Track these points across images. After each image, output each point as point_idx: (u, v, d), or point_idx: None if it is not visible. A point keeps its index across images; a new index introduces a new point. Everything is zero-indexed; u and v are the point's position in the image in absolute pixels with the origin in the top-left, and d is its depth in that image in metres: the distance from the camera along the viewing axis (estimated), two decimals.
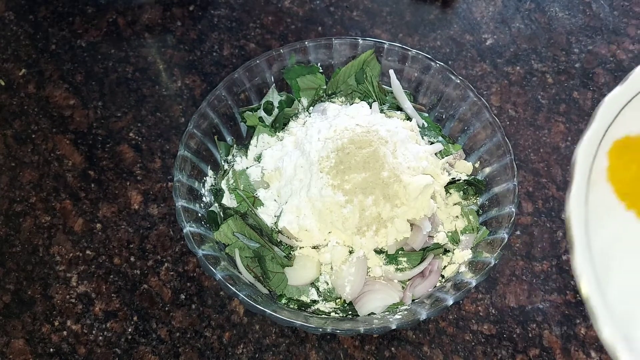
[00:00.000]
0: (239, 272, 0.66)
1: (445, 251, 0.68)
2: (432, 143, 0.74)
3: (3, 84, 0.88)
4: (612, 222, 0.47)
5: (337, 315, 0.66)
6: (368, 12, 0.95)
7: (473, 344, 0.69)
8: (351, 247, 0.66)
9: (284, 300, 0.66)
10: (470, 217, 0.69)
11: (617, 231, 0.47)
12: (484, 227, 0.68)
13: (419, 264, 0.66)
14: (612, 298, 0.43)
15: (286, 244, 0.67)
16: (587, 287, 0.42)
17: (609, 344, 0.41)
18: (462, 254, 0.67)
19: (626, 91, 0.50)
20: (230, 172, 0.73)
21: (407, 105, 0.76)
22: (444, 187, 0.70)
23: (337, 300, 0.66)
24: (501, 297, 0.72)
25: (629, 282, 0.45)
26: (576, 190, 0.46)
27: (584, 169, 0.47)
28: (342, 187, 0.64)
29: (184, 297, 0.72)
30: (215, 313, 0.71)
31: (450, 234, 0.69)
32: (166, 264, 0.74)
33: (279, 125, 0.76)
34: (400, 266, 0.66)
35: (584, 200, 0.46)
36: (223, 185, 0.72)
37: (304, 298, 0.66)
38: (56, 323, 0.71)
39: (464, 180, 0.71)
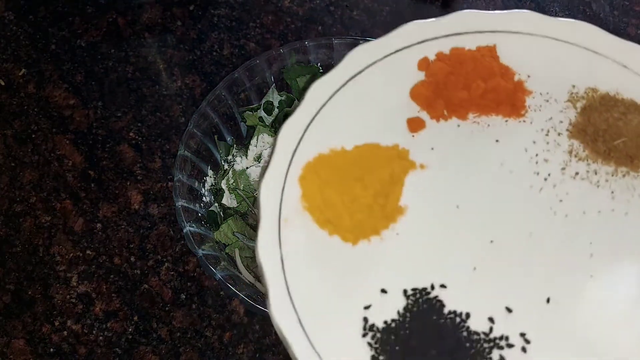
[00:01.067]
0: (239, 272, 0.66)
1: None
2: None
3: (3, 84, 0.88)
4: (314, 254, 0.44)
5: None
6: (368, 11, 0.95)
7: None
8: None
9: None
10: None
11: (320, 262, 0.44)
12: None
13: None
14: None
15: None
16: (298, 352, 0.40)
17: None
18: None
19: (305, 112, 0.48)
20: (230, 172, 0.73)
21: None
22: None
23: None
24: None
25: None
26: (264, 235, 0.42)
27: (271, 209, 0.44)
28: None
29: (184, 297, 0.72)
30: (215, 313, 0.71)
31: None
32: (166, 264, 0.74)
33: (279, 125, 0.76)
34: None
35: (277, 243, 0.43)
36: (223, 185, 0.72)
37: None
38: (56, 323, 0.71)
39: None
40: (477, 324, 0.42)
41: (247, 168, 0.73)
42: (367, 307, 0.43)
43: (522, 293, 0.43)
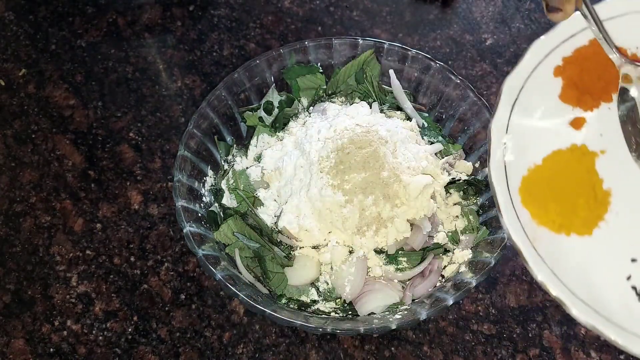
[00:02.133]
0: (239, 272, 0.66)
1: (445, 251, 0.68)
2: (432, 143, 0.74)
3: (3, 84, 0.88)
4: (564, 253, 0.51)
5: (337, 315, 0.66)
6: (368, 12, 0.95)
7: (473, 343, 0.69)
8: (351, 247, 0.66)
9: (284, 300, 0.66)
10: (470, 217, 0.69)
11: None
12: (484, 227, 0.68)
13: (419, 264, 0.66)
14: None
15: (286, 244, 0.67)
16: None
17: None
18: (462, 254, 0.67)
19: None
20: (230, 172, 0.73)
21: (407, 105, 0.76)
22: (444, 187, 0.70)
23: (337, 300, 0.66)
24: (501, 297, 0.72)
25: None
26: (532, 260, 0.50)
27: (520, 239, 0.50)
28: (342, 187, 0.64)
29: (184, 297, 0.72)
30: (215, 313, 0.71)
31: (450, 233, 0.69)
32: (166, 264, 0.74)
33: (279, 125, 0.76)
34: (400, 266, 0.66)
35: (539, 257, 0.50)
36: (223, 185, 0.72)
37: (304, 298, 0.66)
38: (56, 323, 0.71)
39: (464, 180, 0.71)
40: None
41: (247, 168, 0.73)
42: (628, 278, 0.49)
43: None
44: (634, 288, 0.49)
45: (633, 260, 0.50)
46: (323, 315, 0.65)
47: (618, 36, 0.57)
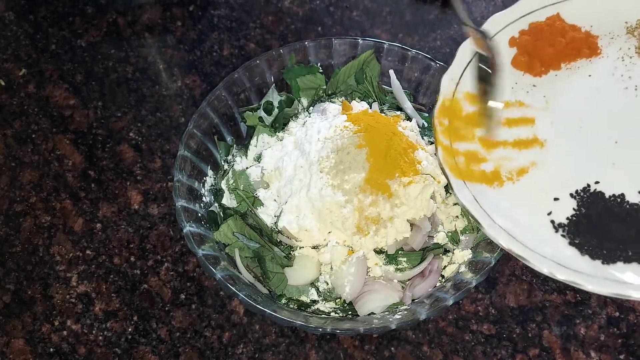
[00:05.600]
0: (239, 272, 0.66)
1: (445, 251, 0.68)
2: (432, 143, 0.74)
3: (3, 84, 0.88)
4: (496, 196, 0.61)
5: (337, 315, 0.66)
6: (368, 12, 0.95)
7: (473, 343, 0.69)
8: (351, 247, 0.66)
9: (283, 300, 0.66)
10: (470, 217, 0.69)
11: None
12: None
13: (418, 264, 0.66)
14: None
15: (286, 244, 0.67)
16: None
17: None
18: (462, 254, 0.67)
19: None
20: (230, 172, 0.73)
21: (407, 105, 0.76)
22: (444, 187, 0.70)
23: (337, 300, 0.66)
24: (501, 297, 0.72)
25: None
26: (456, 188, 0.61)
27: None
28: (342, 187, 0.64)
29: (184, 297, 0.72)
30: (215, 313, 0.71)
31: (450, 234, 0.69)
32: (166, 264, 0.74)
33: (279, 125, 0.76)
34: (400, 266, 0.66)
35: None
36: (223, 185, 0.73)
37: (304, 298, 0.66)
38: (56, 323, 0.71)
39: None
40: (632, 197, 0.58)
41: (247, 168, 0.73)
42: (549, 213, 0.58)
43: None
44: (552, 222, 0.58)
45: (555, 199, 0.59)
46: (323, 315, 0.66)
47: (574, 15, 0.67)
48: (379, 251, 0.66)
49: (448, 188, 0.70)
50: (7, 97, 0.87)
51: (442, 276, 0.67)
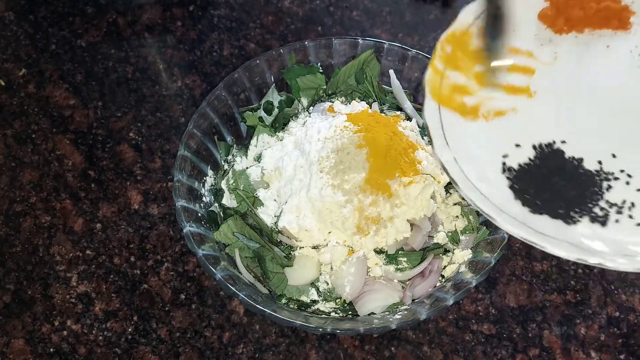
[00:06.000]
0: (239, 272, 0.66)
1: (445, 251, 0.68)
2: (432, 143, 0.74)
3: (3, 84, 0.88)
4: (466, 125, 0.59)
5: (337, 315, 0.66)
6: (368, 12, 0.95)
7: (473, 343, 0.69)
8: (351, 247, 0.66)
9: (284, 300, 0.66)
10: (470, 217, 0.69)
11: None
12: (484, 227, 0.68)
13: (418, 264, 0.66)
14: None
15: (286, 244, 0.67)
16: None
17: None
18: (462, 254, 0.67)
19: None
20: (230, 172, 0.73)
21: (407, 105, 0.76)
22: (444, 187, 0.70)
23: (337, 300, 0.66)
24: (501, 296, 0.72)
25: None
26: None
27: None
28: (342, 187, 0.64)
29: (184, 297, 0.72)
30: (215, 313, 0.71)
31: (450, 233, 0.69)
32: (166, 264, 0.74)
33: (279, 125, 0.76)
34: (400, 266, 0.66)
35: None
36: (223, 185, 0.73)
37: (304, 298, 0.66)
38: (56, 323, 0.71)
39: None
40: (589, 165, 0.57)
41: (247, 168, 0.73)
42: (505, 156, 0.57)
43: (624, 144, 0.58)
44: (504, 163, 0.57)
45: (517, 145, 0.58)
46: (323, 315, 0.66)
47: None
48: (379, 251, 0.66)
49: (448, 187, 0.70)
50: (7, 97, 0.87)
51: (442, 276, 0.67)
